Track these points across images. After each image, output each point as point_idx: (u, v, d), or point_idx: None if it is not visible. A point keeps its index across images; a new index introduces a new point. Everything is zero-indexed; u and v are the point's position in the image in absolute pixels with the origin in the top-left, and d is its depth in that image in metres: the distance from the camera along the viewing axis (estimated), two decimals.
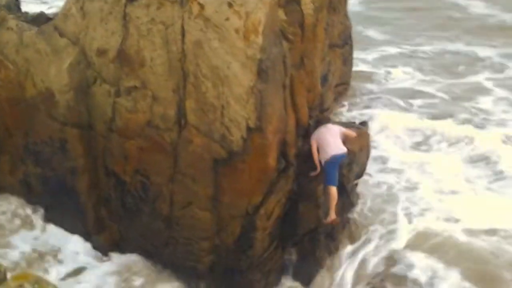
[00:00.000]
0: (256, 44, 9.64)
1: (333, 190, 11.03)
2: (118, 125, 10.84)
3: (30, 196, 12.61)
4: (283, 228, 11.09)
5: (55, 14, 12.16)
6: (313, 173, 11.04)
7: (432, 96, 19.18)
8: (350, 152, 11.33)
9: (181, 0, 10.24)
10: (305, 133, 11.28)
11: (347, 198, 12.16)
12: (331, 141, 11.06)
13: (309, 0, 11.13)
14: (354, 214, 12.77)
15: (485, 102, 18.76)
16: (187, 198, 10.62)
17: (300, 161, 11.02)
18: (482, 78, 20.59)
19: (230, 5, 9.82)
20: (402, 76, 20.65)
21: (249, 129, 9.80)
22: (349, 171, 11.74)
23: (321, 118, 11.73)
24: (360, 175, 12.43)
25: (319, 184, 11.04)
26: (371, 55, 22.17)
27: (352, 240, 12.30)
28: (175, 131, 10.42)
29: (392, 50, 23.21)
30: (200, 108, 10.02)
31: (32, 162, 12.18)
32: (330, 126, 11.38)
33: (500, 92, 19.42)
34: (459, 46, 23.64)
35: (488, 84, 20.02)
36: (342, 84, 17.23)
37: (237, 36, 9.69)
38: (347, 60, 16.97)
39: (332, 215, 11.06)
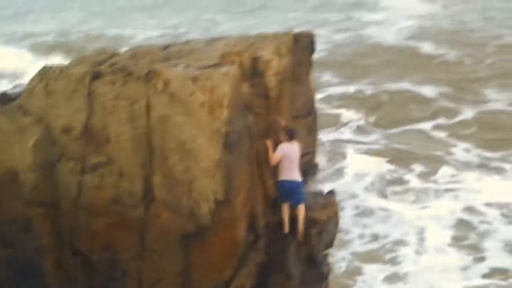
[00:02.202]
0: (221, 118, 9.73)
1: (284, 206, 11.27)
2: (84, 203, 10.67)
3: None
4: None
5: (18, 93, 12.14)
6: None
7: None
8: (318, 221, 11.34)
9: (146, 76, 10.37)
10: (274, 204, 11.28)
11: (318, 269, 12.05)
12: (294, 165, 11.25)
13: (272, 73, 11.34)
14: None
15: None
16: (156, 275, 10.42)
17: (270, 232, 10.99)
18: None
19: (194, 80, 9.98)
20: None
21: (217, 202, 9.77)
22: (319, 241, 11.70)
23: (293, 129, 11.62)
24: (330, 244, 12.39)
25: (290, 255, 10.98)
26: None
27: None
28: (142, 207, 10.31)
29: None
30: (167, 183, 9.98)
31: None
32: (297, 149, 11.37)
33: None
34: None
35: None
36: (307, 154, 17.35)
37: (203, 110, 9.79)
38: (312, 130, 17.16)
39: (285, 228, 11.25)
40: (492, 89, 23.28)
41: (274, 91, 11.33)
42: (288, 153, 11.14)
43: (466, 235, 14.37)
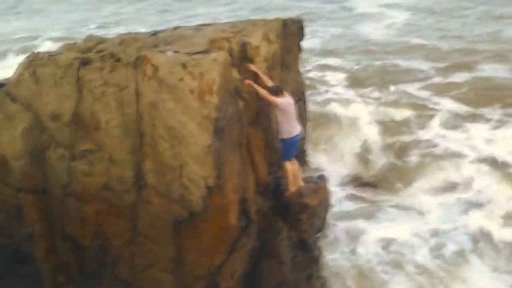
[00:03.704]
0: (211, 104, 9.73)
1: (288, 164, 11.36)
2: (74, 189, 10.66)
3: None
4: (247, 286, 10.98)
5: (7, 80, 12.06)
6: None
7: None
8: (309, 206, 11.39)
9: (135, 62, 10.33)
10: (265, 189, 11.31)
11: (310, 253, 12.13)
12: (294, 119, 11.27)
13: (262, 58, 11.33)
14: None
15: None
16: (148, 261, 10.44)
17: (261, 218, 11.02)
18: None
19: (184, 66, 9.95)
20: None
21: (208, 188, 9.77)
22: (310, 226, 11.76)
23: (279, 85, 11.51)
24: (321, 228, 12.47)
25: (282, 241, 11.04)
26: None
27: None
28: (133, 193, 10.30)
29: None
30: (158, 169, 9.97)
31: None
32: (291, 101, 11.35)
33: None
34: None
35: None
36: None
37: (192, 97, 9.77)
38: (302, 116, 17.16)
39: (292, 188, 11.30)
40: None
41: None
42: (285, 106, 11.07)
43: None
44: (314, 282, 12.32)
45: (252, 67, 11.11)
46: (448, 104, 19.69)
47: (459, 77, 22.03)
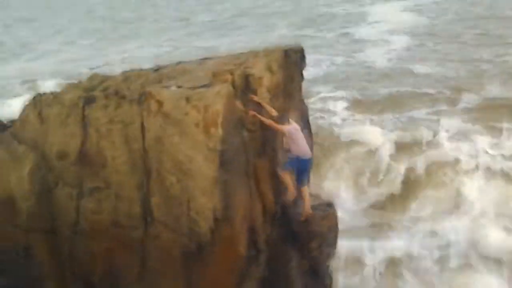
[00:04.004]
0: (216, 136, 9.77)
1: (305, 189, 11.57)
2: (83, 227, 10.68)
3: None
4: None
5: (12, 121, 12.15)
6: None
7: None
8: (318, 233, 11.36)
9: (139, 98, 10.41)
10: (273, 218, 11.29)
11: (321, 281, 12.06)
12: (304, 143, 11.37)
13: (265, 89, 11.37)
14: None
15: None
16: None
17: (271, 247, 10.98)
18: None
19: (188, 100, 10.02)
20: None
21: (216, 220, 9.78)
22: (320, 253, 11.71)
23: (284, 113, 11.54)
24: (331, 255, 12.39)
25: (292, 269, 10.99)
26: None
27: None
28: (141, 228, 10.32)
29: None
30: (165, 203, 10.00)
31: None
32: (298, 127, 11.44)
33: None
34: None
35: None
36: None
37: (197, 130, 9.83)
38: (308, 143, 17.19)
39: (291, 194, 11.34)
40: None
41: None
42: (293, 133, 11.17)
43: None
44: None
45: (256, 98, 11.18)
46: (457, 124, 19.57)
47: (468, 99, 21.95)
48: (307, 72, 14.62)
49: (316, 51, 30.34)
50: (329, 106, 22.28)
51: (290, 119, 11.33)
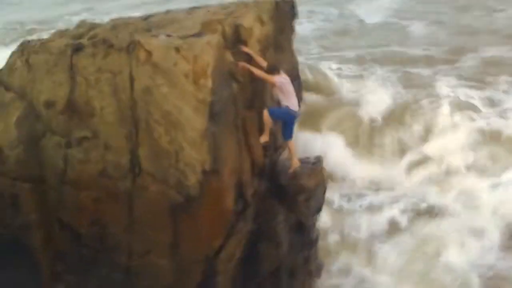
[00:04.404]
0: (206, 88, 9.68)
1: (291, 143, 11.65)
2: (70, 177, 10.61)
3: None
4: (245, 269, 11.00)
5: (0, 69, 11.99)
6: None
7: None
8: (306, 188, 11.39)
9: (128, 47, 10.25)
10: (261, 172, 11.29)
11: (307, 235, 12.14)
12: (293, 96, 11.34)
13: (255, 40, 11.27)
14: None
15: None
16: (145, 247, 10.43)
17: (258, 201, 11.01)
18: None
19: (177, 50, 9.88)
20: None
21: (205, 172, 9.75)
22: (307, 208, 11.76)
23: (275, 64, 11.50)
24: (318, 210, 12.47)
25: (279, 223, 11.04)
26: None
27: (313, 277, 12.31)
28: (129, 179, 10.27)
29: None
30: (154, 155, 9.94)
31: None
32: (288, 79, 11.41)
33: None
34: None
35: None
36: None
37: (187, 81, 9.72)
38: (297, 96, 17.11)
39: (265, 138, 11.25)
40: None
41: None
42: (283, 84, 11.11)
43: None
44: (311, 264, 12.36)
45: (246, 48, 11.06)
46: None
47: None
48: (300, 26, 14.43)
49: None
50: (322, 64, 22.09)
51: (280, 71, 11.22)
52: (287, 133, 11.59)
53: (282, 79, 11.05)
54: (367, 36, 26.16)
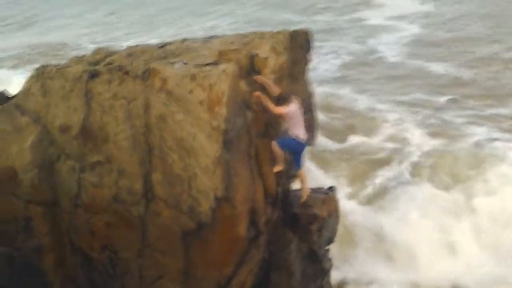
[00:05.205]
0: (220, 115, 9.73)
1: (302, 172, 11.72)
2: (84, 201, 10.69)
3: None
4: None
5: (16, 93, 12.12)
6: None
7: None
8: (319, 217, 11.36)
9: (143, 74, 10.36)
10: (274, 200, 11.28)
11: (320, 265, 12.08)
12: (301, 125, 11.30)
13: (269, 70, 11.31)
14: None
15: None
16: (157, 272, 10.42)
17: (271, 229, 10.99)
18: None
19: (193, 78, 9.97)
20: None
21: (217, 199, 9.76)
22: (319, 237, 11.72)
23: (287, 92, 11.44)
24: (331, 240, 12.41)
25: (291, 252, 10.99)
26: None
27: None
28: (142, 205, 10.31)
29: None
30: (167, 181, 9.98)
31: None
32: (298, 107, 11.31)
33: None
34: None
35: None
36: None
37: (202, 108, 9.78)
38: (311, 126, 17.15)
39: (278, 167, 11.25)
40: None
41: None
42: (291, 114, 11.04)
43: None
44: None
45: (260, 78, 11.12)
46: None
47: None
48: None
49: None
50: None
51: (293, 100, 11.24)
52: (296, 163, 11.62)
53: (291, 109, 11.03)
54: None
